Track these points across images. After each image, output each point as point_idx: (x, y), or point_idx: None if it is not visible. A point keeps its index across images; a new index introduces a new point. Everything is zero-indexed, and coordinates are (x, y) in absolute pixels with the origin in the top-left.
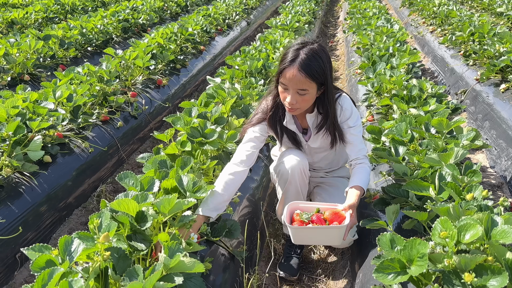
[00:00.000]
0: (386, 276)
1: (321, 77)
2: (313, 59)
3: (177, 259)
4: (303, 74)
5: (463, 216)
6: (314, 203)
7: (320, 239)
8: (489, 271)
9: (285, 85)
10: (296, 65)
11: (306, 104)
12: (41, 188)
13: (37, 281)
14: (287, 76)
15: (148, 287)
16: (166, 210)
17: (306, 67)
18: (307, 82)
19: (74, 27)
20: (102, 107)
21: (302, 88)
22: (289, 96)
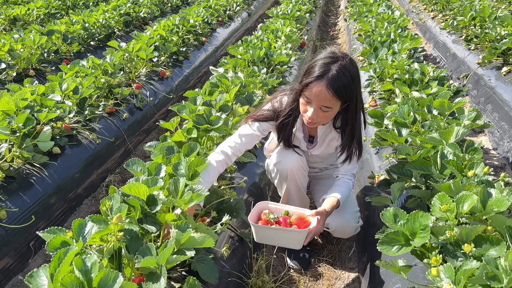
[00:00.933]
0: (390, 248)
1: (348, 97)
2: (343, 77)
3: (188, 234)
4: (331, 92)
5: (463, 191)
6: (284, 205)
7: (280, 241)
8: (488, 242)
9: (309, 99)
10: (324, 81)
11: (326, 120)
12: (52, 178)
13: (53, 259)
14: (313, 91)
15: (162, 261)
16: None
17: (335, 85)
18: (333, 100)
19: (76, 22)
20: (107, 99)
21: (326, 105)
22: (311, 111)
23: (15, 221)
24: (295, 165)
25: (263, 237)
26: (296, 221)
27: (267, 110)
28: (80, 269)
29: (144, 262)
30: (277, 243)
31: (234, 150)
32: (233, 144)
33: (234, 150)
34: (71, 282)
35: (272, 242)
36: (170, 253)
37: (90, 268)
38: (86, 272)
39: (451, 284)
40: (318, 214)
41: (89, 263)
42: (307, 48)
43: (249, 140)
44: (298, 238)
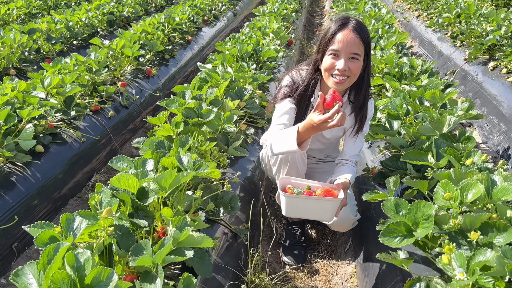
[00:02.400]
0: (392, 239)
1: (368, 44)
2: (362, 25)
3: (186, 233)
4: (358, 35)
5: (465, 179)
6: (306, 180)
7: (312, 212)
8: (495, 229)
9: (337, 50)
10: (349, 27)
11: (356, 72)
12: (35, 178)
13: (42, 256)
14: (341, 38)
15: (158, 260)
16: (167, 184)
17: (359, 29)
18: (360, 45)
19: (58, 21)
20: (92, 97)
21: (355, 51)
22: (341, 62)
23: None
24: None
25: (295, 208)
26: (323, 193)
27: (287, 85)
28: (72, 266)
29: (140, 261)
30: (309, 215)
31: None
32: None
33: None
34: (62, 280)
35: (303, 214)
36: (167, 252)
37: (83, 264)
38: (79, 269)
39: (464, 274)
40: (343, 186)
41: (82, 259)
42: (294, 46)
43: (291, 113)
44: (332, 208)
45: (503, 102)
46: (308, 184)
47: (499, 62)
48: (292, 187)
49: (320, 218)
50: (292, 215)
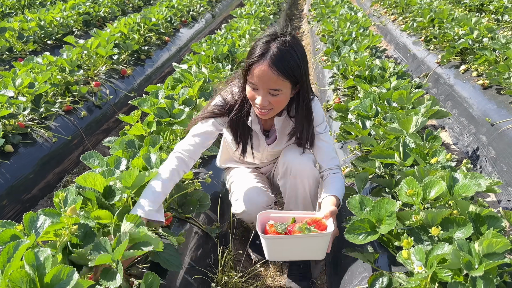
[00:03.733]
0: (357, 236)
1: (296, 75)
2: (286, 53)
3: (143, 231)
4: (275, 71)
5: (428, 176)
6: (289, 212)
7: (301, 252)
8: (455, 224)
9: (254, 84)
10: (266, 60)
11: (279, 105)
12: (3, 178)
13: (2, 254)
14: (256, 73)
15: (117, 257)
16: (129, 183)
17: (278, 63)
18: (279, 80)
19: (31, 20)
20: (64, 97)
21: (274, 87)
22: (260, 97)
23: None
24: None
25: (279, 251)
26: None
27: (217, 104)
28: (31, 264)
29: (98, 260)
30: (298, 256)
31: (190, 154)
32: (187, 147)
33: (190, 154)
34: (21, 278)
35: (290, 256)
36: (125, 248)
37: (43, 262)
38: (39, 267)
39: (423, 268)
40: (332, 214)
41: (42, 257)
42: None
43: (205, 138)
44: (323, 243)
45: (473, 104)
46: (292, 216)
47: (470, 66)
48: (274, 223)
49: (311, 257)
50: (278, 259)
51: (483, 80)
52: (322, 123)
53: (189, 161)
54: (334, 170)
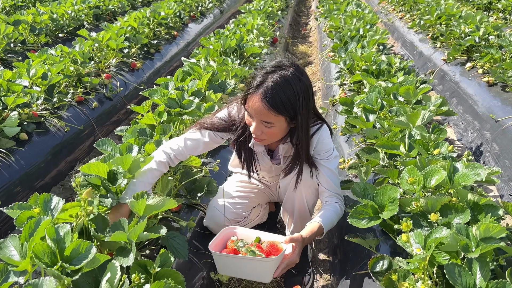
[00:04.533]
0: (360, 221)
1: (289, 111)
2: (280, 89)
3: (142, 204)
4: (266, 106)
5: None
6: (255, 231)
7: (246, 272)
8: (453, 210)
9: (249, 112)
10: (259, 93)
11: (273, 136)
12: (18, 165)
13: (24, 229)
14: (250, 104)
15: (133, 237)
16: (126, 167)
17: (270, 98)
18: (271, 114)
19: (44, 13)
20: (76, 88)
21: (266, 120)
22: (254, 125)
23: None
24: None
25: (227, 268)
26: (267, 249)
27: (221, 119)
28: (52, 239)
29: (114, 237)
30: (243, 275)
31: (176, 153)
32: (176, 147)
33: (176, 153)
34: (43, 251)
35: (237, 274)
36: (142, 229)
37: (63, 237)
38: (59, 241)
39: (421, 249)
40: (292, 240)
41: (62, 232)
42: (279, 44)
43: (195, 145)
44: (265, 268)
45: (478, 101)
46: (257, 235)
47: (476, 63)
48: (236, 240)
49: (256, 279)
50: (227, 274)
51: (489, 77)
52: (327, 152)
53: (174, 160)
54: (334, 199)
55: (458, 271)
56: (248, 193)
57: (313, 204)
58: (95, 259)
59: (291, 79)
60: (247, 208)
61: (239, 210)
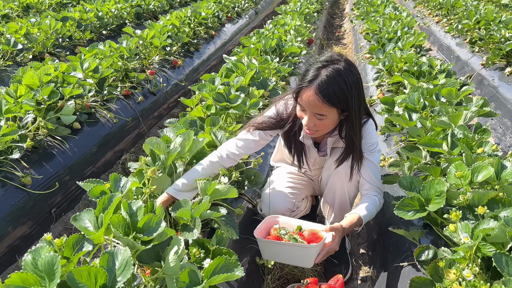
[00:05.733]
0: (406, 213)
1: (342, 103)
2: (334, 82)
3: (213, 186)
4: (320, 99)
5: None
6: (296, 220)
7: (289, 257)
8: (500, 204)
9: (302, 106)
10: (313, 87)
11: (325, 128)
12: (72, 151)
13: (98, 204)
14: (304, 97)
15: (197, 214)
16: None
17: (324, 91)
18: (324, 107)
19: (90, 10)
20: (123, 82)
21: (320, 112)
22: (306, 118)
23: (38, 188)
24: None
25: (271, 253)
26: (308, 236)
27: (271, 117)
28: (126, 212)
29: (180, 213)
30: (286, 260)
31: (229, 154)
32: (229, 148)
33: (229, 154)
34: (118, 222)
35: (281, 259)
36: (206, 208)
37: (136, 211)
38: (132, 215)
39: (469, 239)
40: (332, 229)
41: (135, 207)
42: (315, 45)
43: (247, 145)
44: (307, 254)
45: None
46: (299, 224)
47: None
48: (278, 228)
49: (298, 264)
50: (271, 259)
51: None
52: (372, 145)
53: (227, 160)
54: (374, 192)
55: (506, 260)
56: (298, 184)
57: (354, 196)
58: (163, 232)
59: (343, 73)
60: (300, 198)
61: (293, 199)
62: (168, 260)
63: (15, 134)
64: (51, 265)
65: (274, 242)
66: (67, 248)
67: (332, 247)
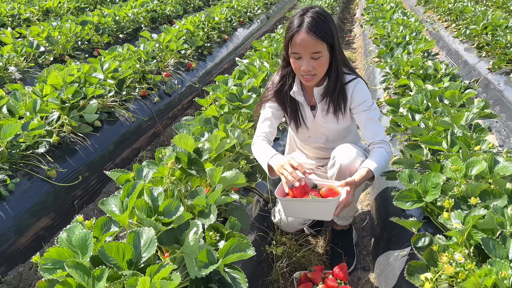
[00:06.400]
0: (404, 203)
1: (330, 37)
2: (319, 19)
3: (219, 173)
4: (313, 36)
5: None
6: (312, 179)
7: (310, 213)
8: (492, 196)
9: (297, 52)
10: (304, 28)
11: (322, 68)
12: (93, 148)
13: (123, 190)
14: (297, 41)
15: (211, 201)
16: (214, 146)
17: (314, 28)
18: (318, 43)
19: (107, 15)
20: (141, 83)
21: (315, 51)
22: (304, 63)
23: (63, 181)
24: None
25: (292, 211)
26: (326, 192)
27: (267, 88)
28: (149, 197)
29: (196, 201)
30: (308, 215)
31: (268, 134)
32: (265, 129)
33: (268, 134)
34: (141, 206)
35: (302, 215)
36: (219, 195)
37: (157, 197)
38: (153, 200)
39: (460, 224)
40: (347, 184)
41: (156, 193)
42: None
43: (272, 118)
44: (327, 208)
45: None
46: (315, 182)
47: None
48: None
49: (319, 218)
50: (292, 216)
51: None
52: (367, 101)
53: (270, 137)
54: (378, 144)
55: (493, 244)
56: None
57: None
58: (182, 216)
59: (323, 12)
60: None
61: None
62: (188, 240)
63: (42, 129)
64: (84, 240)
65: (296, 200)
66: (96, 228)
67: (348, 200)
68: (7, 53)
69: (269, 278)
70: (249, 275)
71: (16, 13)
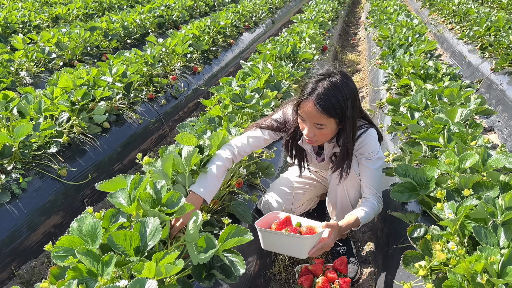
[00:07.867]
0: (401, 195)
1: (338, 113)
2: (331, 94)
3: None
4: (319, 110)
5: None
6: (297, 217)
7: (286, 248)
8: (484, 187)
9: (302, 117)
10: (312, 99)
11: (324, 137)
12: (102, 148)
13: (131, 183)
14: (303, 109)
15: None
16: (216, 143)
17: (322, 103)
18: (323, 117)
19: (116, 21)
20: (148, 87)
21: (318, 122)
22: (306, 129)
23: (73, 179)
24: None
25: (269, 243)
26: (306, 231)
27: (277, 120)
28: (152, 189)
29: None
30: (283, 250)
31: (239, 150)
32: (240, 144)
33: (239, 150)
34: (146, 198)
35: (278, 249)
36: None
37: (160, 190)
38: (157, 192)
39: (453, 214)
40: (328, 226)
41: (159, 186)
42: (329, 52)
43: (256, 142)
44: (302, 245)
45: None
46: (298, 220)
47: None
48: (277, 222)
49: (294, 255)
50: (269, 249)
51: None
52: (371, 153)
53: (238, 156)
54: (373, 197)
55: (484, 232)
56: (303, 186)
57: (355, 199)
58: (183, 206)
59: (340, 85)
60: (300, 202)
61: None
62: (188, 229)
63: (53, 129)
64: (94, 229)
65: (273, 231)
66: (105, 220)
67: (327, 242)
68: (18, 58)
69: (272, 270)
70: (252, 266)
71: (27, 20)
